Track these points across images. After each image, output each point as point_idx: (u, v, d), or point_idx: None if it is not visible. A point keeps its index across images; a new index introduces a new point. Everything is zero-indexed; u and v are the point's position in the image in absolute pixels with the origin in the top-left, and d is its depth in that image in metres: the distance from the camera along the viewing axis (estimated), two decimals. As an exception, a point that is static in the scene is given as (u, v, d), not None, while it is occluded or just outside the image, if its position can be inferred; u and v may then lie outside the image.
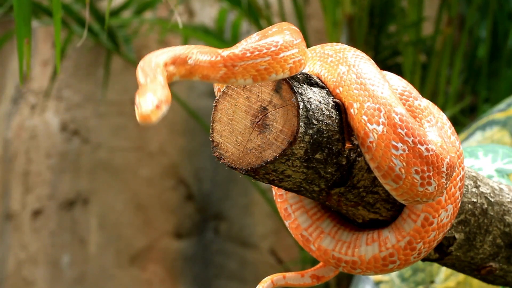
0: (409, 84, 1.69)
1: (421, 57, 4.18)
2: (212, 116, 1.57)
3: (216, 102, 1.57)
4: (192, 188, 4.61)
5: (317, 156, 1.55)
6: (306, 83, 1.56)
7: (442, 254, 1.84)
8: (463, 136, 2.79)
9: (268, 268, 4.56)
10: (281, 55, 1.50)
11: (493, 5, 4.18)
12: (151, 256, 4.57)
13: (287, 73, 1.51)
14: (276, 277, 1.82)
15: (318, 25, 4.59)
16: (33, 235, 4.57)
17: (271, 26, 1.58)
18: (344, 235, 1.73)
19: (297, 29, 1.57)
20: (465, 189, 1.80)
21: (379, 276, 2.62)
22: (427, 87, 4.05)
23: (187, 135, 4.62)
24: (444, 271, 2.54)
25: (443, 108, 3.88)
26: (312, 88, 1.56)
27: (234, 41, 4.17)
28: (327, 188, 1.61)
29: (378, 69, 1.61)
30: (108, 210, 4.56)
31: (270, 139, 1.52)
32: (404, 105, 1.63)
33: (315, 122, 1.53)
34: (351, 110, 1.56)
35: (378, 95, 1.55)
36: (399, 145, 1.54)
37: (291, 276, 1.83)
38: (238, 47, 1.50)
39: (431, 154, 1.55)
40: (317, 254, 1.74)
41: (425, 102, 1.68)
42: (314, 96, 1.55)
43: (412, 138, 1.54)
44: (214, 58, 1.49)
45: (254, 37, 1.60)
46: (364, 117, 1.55)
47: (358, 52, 1.63)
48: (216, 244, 4.61)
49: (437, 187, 1.58)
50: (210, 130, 1.57)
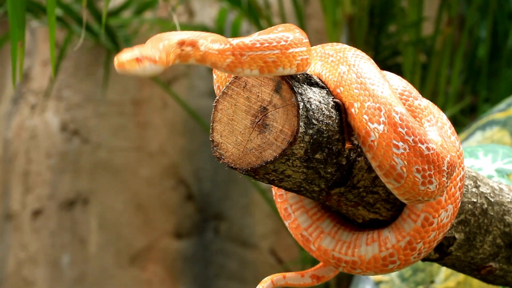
0: (409, 84, 1.69)
1: (421, 57, 4.18)
2: (212, 116, 1.57)
3: (216, 102, 1.57)
4: (192, 188, 4.61)
5: (317, 156, 1.55)
6: (306, 83, 1.56)
7: (442, 254, 1.84)
8: (463, 136, 2.79)
9: (268, 268, 4.56)
10: (290, 51, 1.50)
11: (493, 5, 4.18)
12: (151, 256, 4.57)
13: (294, 70, 1.51)
14: (276, 277, 1.82)
15: (318, 25, 4.59)
16: (33, 235, 4.56)
17: (276, 26, 1.58)
18: (344, 235, 1.73)
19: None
20: (465, 189, 1.80)
21: (379, 276, 2.62)
22: (427, 87, 4.05)
23: (187, 135, 4.62)
24: (444, 271, 2.54)
25: (443, 108, 3.88)
26: (312, 88, 1.56)
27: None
28: (327, 188, 1.61)
29: (378, 69, 1.61)
30: (108, 210, 4.56)
31: (270, 139, 1.52)
32: (404, 105, 1.63)
33: (315, 122, 1.53)
34: (352, 110, 1.56)
35: (378, 95, 1.55)
36: (400, 144, 1.54)
37: (291, 276, 1.83)
38: (249, 38, 1.50)
39: (432, 153, 1.55)
40: (317, 254, 1.74)
41: (425, 102, 1.68)
42: (314, 96, 1.55)
43: (413, 137, 1.54)
44: (223, 46, 1.49)
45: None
46: (365, 117, 1.55)
47: (358, 52, 1.63)
48: (216, 244, 4.61)
49: (438, 186, 1.58)
50: (210, 130, 1.57)
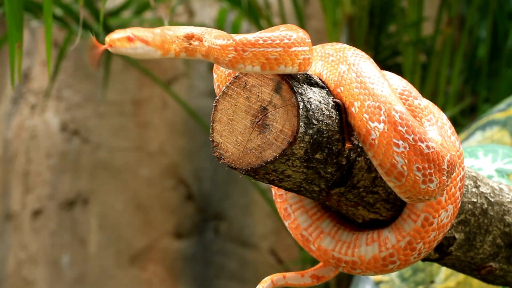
0: (409, 84, 1.69)
1: (421, 57, 4.18)
2: (212, 116, 1.57)
3: (216, 102, 1.57)
4: (192, 188, 4.61)
5: (317, 156, 1.55)
6: (306, 83, 1.56)
7: (442, 254, 1.84)
8: (463, 136, 2.79)
9: (268, 268, 4.56)
10: (293, 49, 1.51)
11: (493, 5, 4.18)
12: (151, 256, 4.57)
13: (296, 68, 1.52)
14: (276, 277, 1.82)
15: (318, 25, 4.59)
16: (33, 235, 4.57)
17: (278, 26, 1.58)
18: (344, 235, 1.73)
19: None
20: (465, 189, 1.80)
21: (379, 276, 2.62)
22: (427, 87, 4.05)
23: (187, 135, 4.62)
24: (444, 271, 2.54)
25: (443, 108, 3.88)
26: (312, 88, 1.56)
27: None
28: (327, 188, 1.61)
29: (378, 68, 1.61)
30: (108, 210, 4.56)
31: (270, 139, 1.52)
32: (404, 104, 1.63)
33: (315, 122, 1.53)
34: (352, 109, 1.56)
35: (378, 93, 1.55)
36: (400, 143, 1.54)
37: (291, 276, 1.83)
38: (252, 35, 1.51)
39: (432, 152, 1.55)
40: (317, 254, 1.74)
41: (425, 102, 1.68)
42: (314, 96, 1.55)
43: (413, 136, 1.54)
44: (226, 42, 1.49)
45: None
46: (365, 115, 1.55)
47: (358, 51, 1.63)
48: (216, 244, 4.61)
49: (439, 185, 1.58)
50: (210, 130, 1.57)
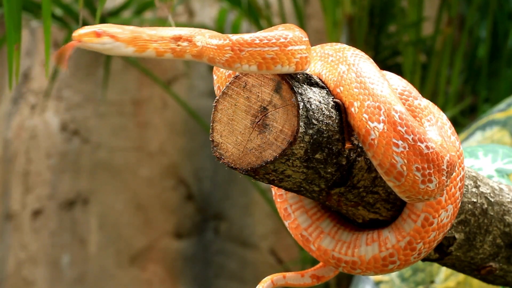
0: (409, 84, 1.69)
1: (421, 57, 4.18)
2: (212, 116, 1.57)
3: (216, 102, 1.57)
4: (192, 188, 4.61)
5: (317, 156, 1.55)
6: (306, 83, 1.56)
7: (442, 254, 1.84)
8: (463, 136, 2.79)
9: (268, 268, 4.56)
10: (290, 48, 1.51)
11: (493, 5, 4.18)
12: (151, 256, 4.56)
13: (293, 67, 1.51)
14: (276, 277, 1.82)
15: (318, 25, 4.59)
16: (33, 235, 4.56)
17: (276, 26, 1.58)
18: (344, 235, 1.73)
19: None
20: (465, 189, 1.80)
21: (379, 276, 2.62)
22: (427, 87, 4.05)
23: (187, 135, 4.62)
24: (444, 271, 2.54)
25: (443, 108, 3.88)
26: (312, 88, 1.56)
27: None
28: (327, 188, 1.61)
29: (377, 68, 1.61)
30: (108, 210, 4.56)
31: (270, 139, 1.52)
32: (404, 105, 1.63)
33: (315, 122, 1.53)
34: (352, 109, 1.56)
35: (378, 94, 1.55)
36: (400, 143, 1.54)
37: (291, 276, 1.83)
38: (248, 34, 1.51)
39: (431, 152, 1.56)
40: (317, 254, 1.74)
41: (425, 102, 1.68)
42: (314, 96, 1.55)
43: (412, 136, 1.54)
44: (222, 41, 1.50)
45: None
46: (365, 115, 1.55)
47: (358, 51, 1.63)
48: (216, 244, 4.60)
49: (438, 185, 1.58)
50: (210, 130, 1.57)
